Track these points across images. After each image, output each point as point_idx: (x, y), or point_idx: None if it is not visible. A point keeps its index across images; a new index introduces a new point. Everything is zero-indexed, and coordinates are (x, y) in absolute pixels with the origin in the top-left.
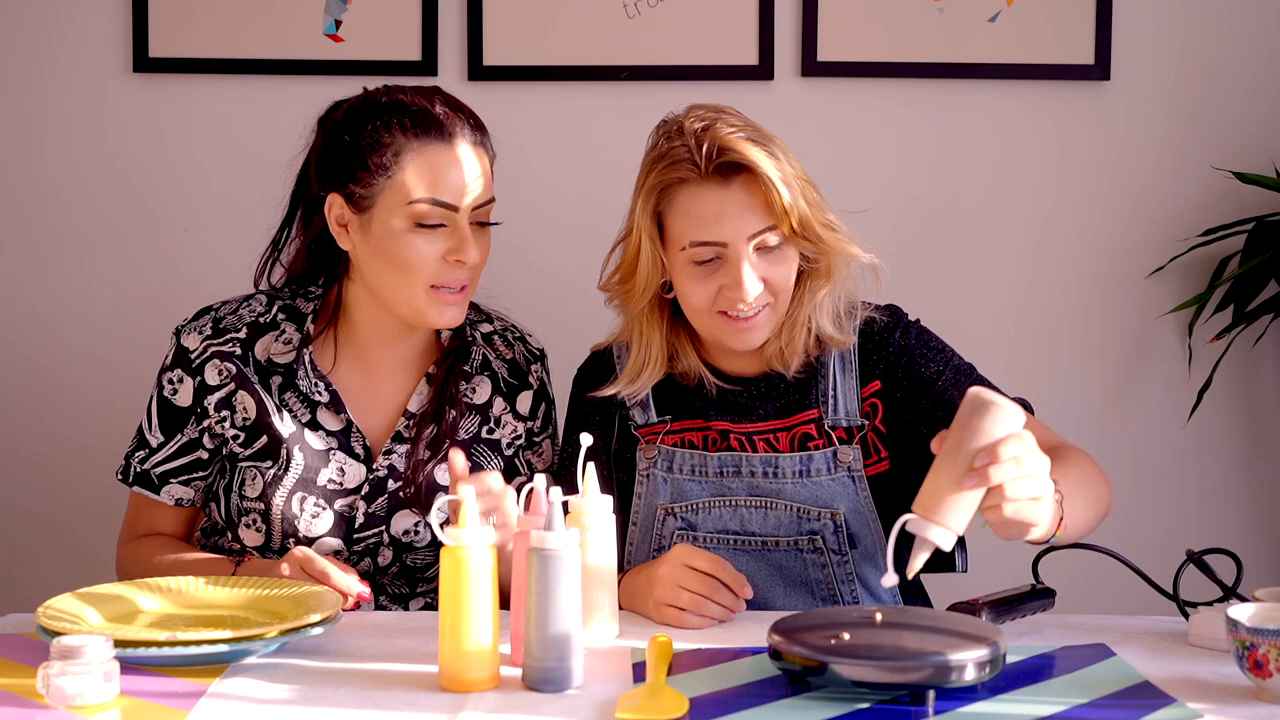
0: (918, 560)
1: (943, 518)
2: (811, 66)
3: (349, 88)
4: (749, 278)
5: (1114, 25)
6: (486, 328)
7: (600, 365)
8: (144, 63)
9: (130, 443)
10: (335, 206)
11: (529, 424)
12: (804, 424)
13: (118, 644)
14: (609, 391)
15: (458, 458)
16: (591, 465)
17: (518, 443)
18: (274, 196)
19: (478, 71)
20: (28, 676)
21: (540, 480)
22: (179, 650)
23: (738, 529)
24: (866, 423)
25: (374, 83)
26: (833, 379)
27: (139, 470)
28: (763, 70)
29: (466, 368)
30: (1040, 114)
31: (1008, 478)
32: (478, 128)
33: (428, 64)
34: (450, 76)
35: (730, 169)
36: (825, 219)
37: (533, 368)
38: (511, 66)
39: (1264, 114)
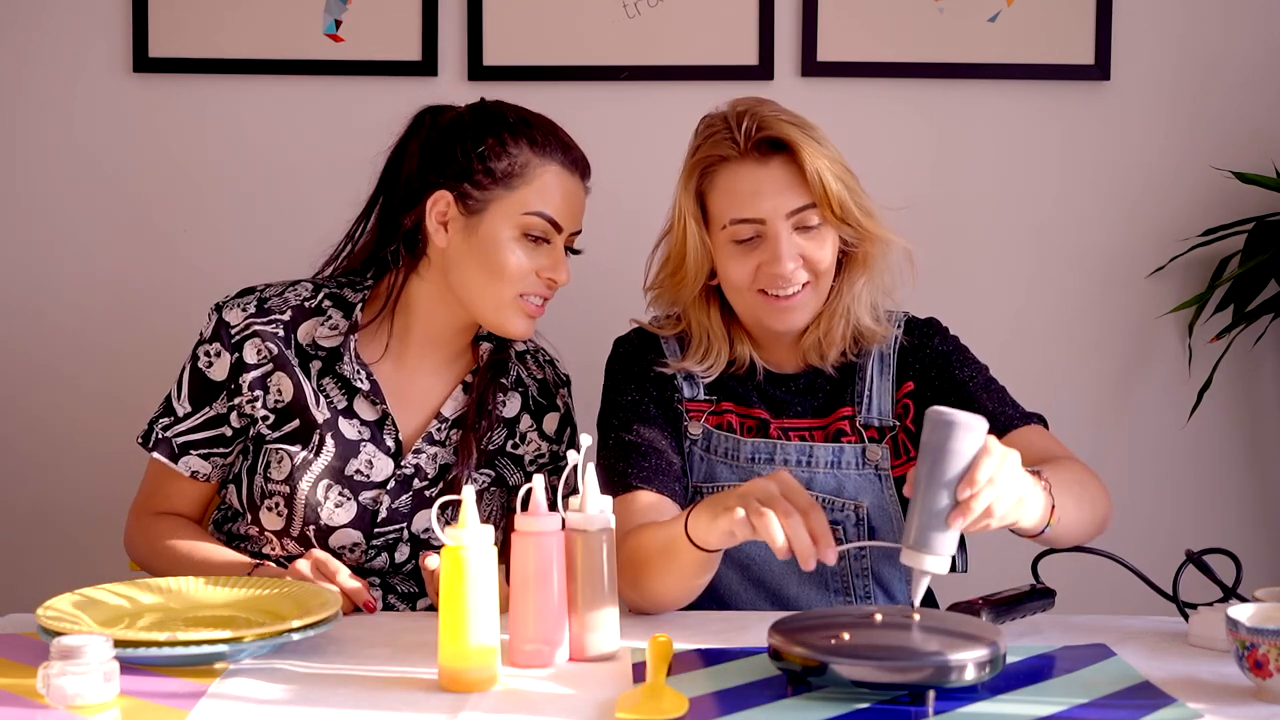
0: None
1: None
2: (811, 66)
3: (349, 87)
4: (787, 253)
5: (1114, 25)
6: (519, 347)
7: (646, 339)
8: (144, 63)
9: (156, 409)
10: (441, 202)
11: (554, 446)
12: (838, 421)
13: (118, 644)
14: (676, 369)
15: (430, 560)
16: (591, 466)
17: (540, 461)
18: (275, 195)
19: (478, 71)
20: (28, 676)
21: (538, 481)
22: (179, 650)
23: None
24: (898, 424)
25: (376, 82)
26: (869, 380)
27: (160, 436)
28: (763, 70)
29: (505, 381)
30: (1040, 114)
31: (990, 501)
32: (589, 169)
33: (428, 64)
34: (450, 76)
35: (769, 147)
36: (864, 205)
37: (560, 391)
38: (511, 66)
39: (1264, 114)
